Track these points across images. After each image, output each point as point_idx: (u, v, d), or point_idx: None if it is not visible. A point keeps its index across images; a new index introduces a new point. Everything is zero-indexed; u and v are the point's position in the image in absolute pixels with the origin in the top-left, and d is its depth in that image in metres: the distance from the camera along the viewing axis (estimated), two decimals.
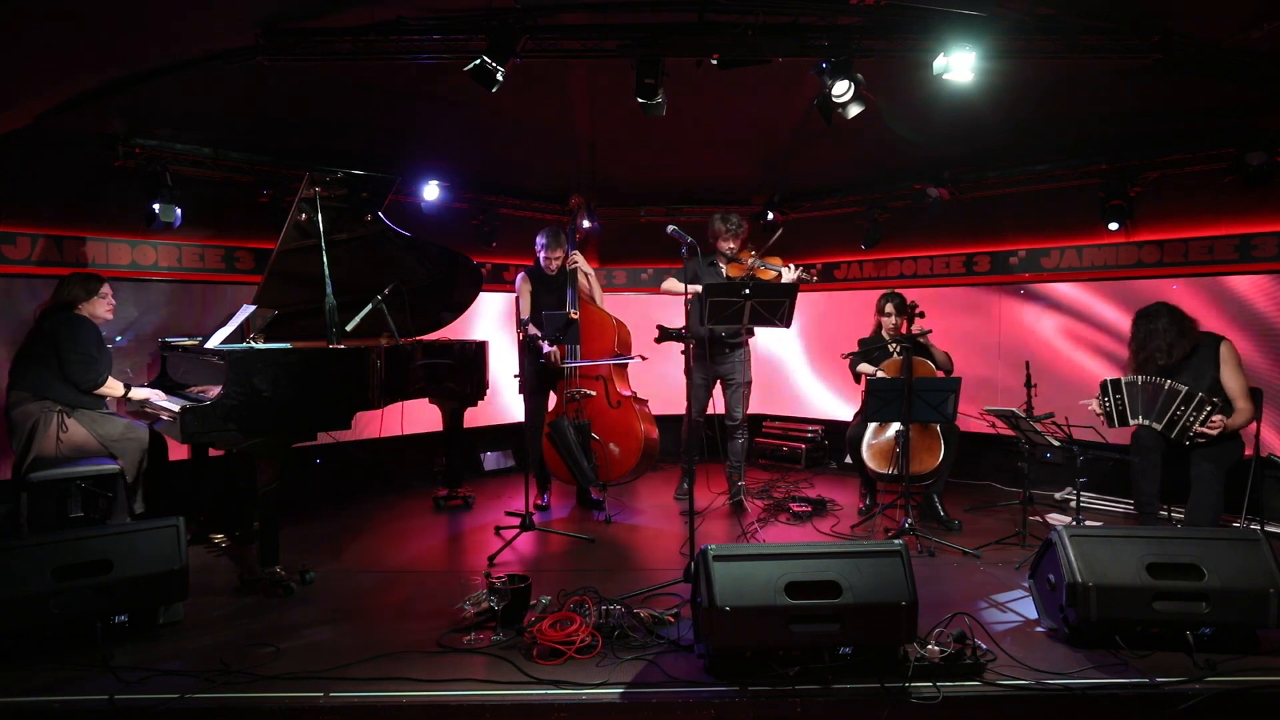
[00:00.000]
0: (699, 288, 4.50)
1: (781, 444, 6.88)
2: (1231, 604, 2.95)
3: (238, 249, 5.49)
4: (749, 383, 5.21)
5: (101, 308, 4.21)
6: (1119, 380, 4.25)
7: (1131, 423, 4.22)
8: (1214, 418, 3.98)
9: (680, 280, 4.77)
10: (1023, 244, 6.00)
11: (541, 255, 5.09)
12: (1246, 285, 5.01)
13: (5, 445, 4.10)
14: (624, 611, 3.20)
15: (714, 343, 5.04)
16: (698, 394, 5.09)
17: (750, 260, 4.96)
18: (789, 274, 4.85)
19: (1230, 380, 4.11)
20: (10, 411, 3.97)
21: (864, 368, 5.08)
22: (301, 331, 4.46)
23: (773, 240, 4.98)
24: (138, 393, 4.14)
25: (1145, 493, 4.21)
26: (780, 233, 5.09)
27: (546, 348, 4.97)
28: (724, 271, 5.06)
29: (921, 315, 4.76)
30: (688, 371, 4.47)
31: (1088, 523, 4.61)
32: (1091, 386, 4.47)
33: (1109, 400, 4.25)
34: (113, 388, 4.09)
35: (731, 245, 5.08)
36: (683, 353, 4.49)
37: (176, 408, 3.64)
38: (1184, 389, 4.05)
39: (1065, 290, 5.78)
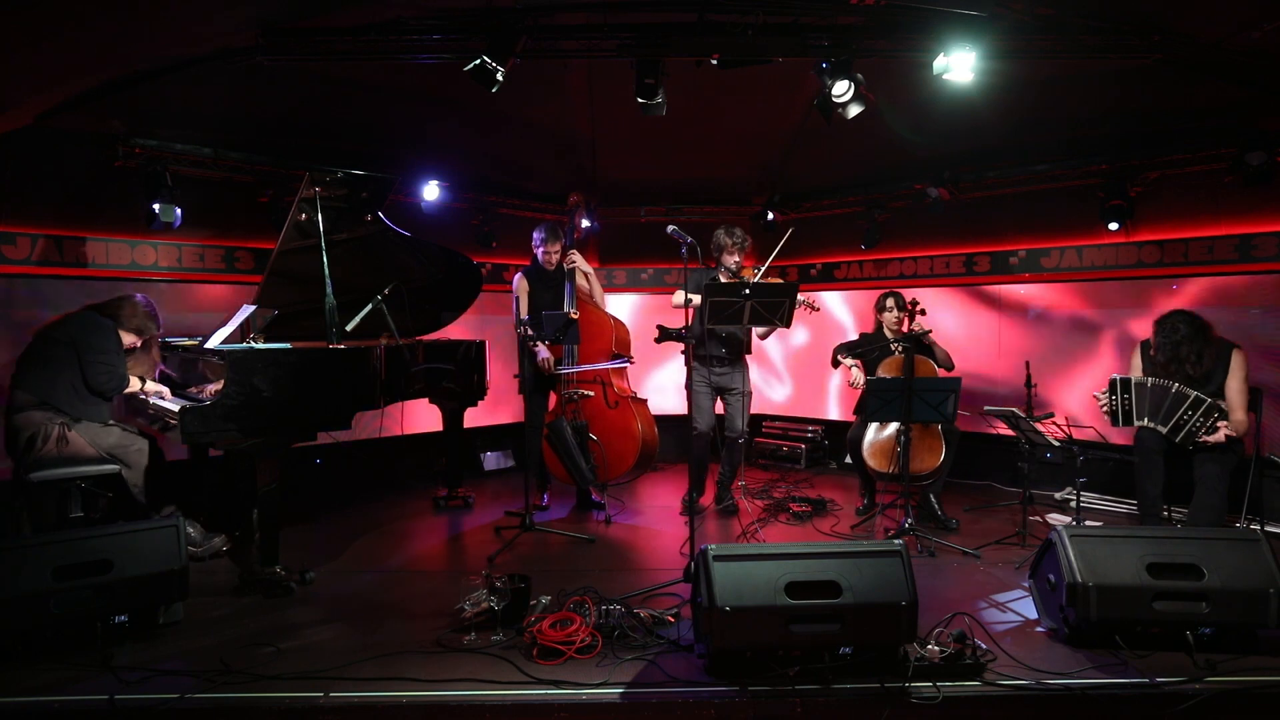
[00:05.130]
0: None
1: (781, 444, 6.88)
2: (1231, 604, 2.95)
3: (238, 249, 5.49)
4: (749, 394, 5.12)
5: (128, 340, 4.16)
6: (1129, 380, 4.23)
7: (1136, 424, 4.21)
8: (1220, 423, 3.98)
9: (687, 290, 4.70)
10: (1023, 244, 6.00)
11: (540, 251, 5.08)
12: (1246, 285, 5.01)
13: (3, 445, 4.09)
14: (624, 611, 3.20)
15: (717, 358, 4.96)
16: (701, 402, 4.98)
17: (754, 279, 4.83)
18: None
19: (1234, 390, 4.10)
20: (12, 415, 3.91)
21: (848, 360, 5.04)
22: (302, 331, 4.46)
23: (779, 246, 4.80)
24: (152, 386, 4.14)
25: (1148, 494, 4.21)
26: (790, 235, 4.87)
27: (542, 353, 4.95)
28: None
29: (923, 313, 4.77)
30: (688, 385, 4.42)
31: (1088, 523, 4.61)
32: (1091, 387, 4.47)
33: (1115, 399, 4.23)
34: (131, 385, 4.09)
35: (736, 259, 4.94)
36: (685, 358, 4.41)
37: (176, 408, 3.64)
38: (1193, 394, 4.04)
39: (1065, 290, 5.78)
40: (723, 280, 4.95)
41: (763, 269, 4.87)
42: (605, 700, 2.68)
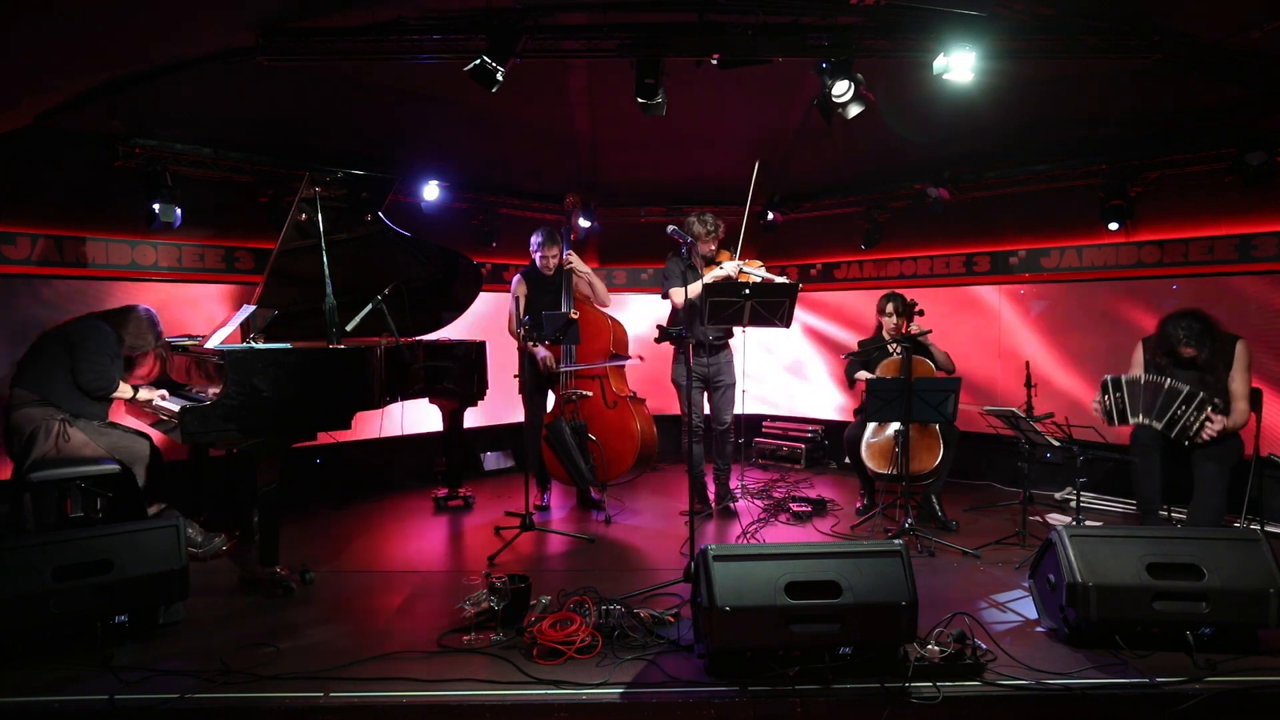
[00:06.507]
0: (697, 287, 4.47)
1: (781, 444, 6.88)
2: (1231, 604, 2.95)
3: (238, 249, 5.49)
4: (734, 384, 5.11)
5: (128, 341, 4.20)
6: (1119, 378, 4.24)
7: (1131, 421, 4.22)
8: (1214, 417, 3.98)
9: (676, 283, 4.72)
10: (1023, 244, 5.99)
11: (537, 255, 5.08)
12: (1246, 285, 5.01)
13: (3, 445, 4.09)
14: (624, 611, 3.20)
15: (705, 345, 4.94)
16: (694, 396, 4.97)
17: (730, 265, 4.79)
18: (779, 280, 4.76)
19: (1236, 380, 4.10)
20: (11, 412, 3.93)
21: (862, 375, 5.03)
22: (302, 331, 4.46)
23: (741, 235, 4.75)
24: (144, 393, 4.14)
25: (1146, 493, 4.21)
26: (746, 224, 4.81)
27: (541, 353, 4.95)
28: (703, 276, 4.85)
29: (921, 314, 4.76)
30: (675, 380, 4.40)
31: (1088, 523, 4.61)
32: (1091, 387, 4.47)
33: (1109, 398, 4.24)
34: (122, 391, 4.09)
35: (710, 248, 4.91)
36: (677, 356, 4.41)
37: (176, 408, 3.64)
38: (1185, 388, 4.04)
39: (1065, 290, 5.78)
40: (700, 270, 4.92)
41: (739, 256, 4.83)
42: (605, 700, 2.68)
